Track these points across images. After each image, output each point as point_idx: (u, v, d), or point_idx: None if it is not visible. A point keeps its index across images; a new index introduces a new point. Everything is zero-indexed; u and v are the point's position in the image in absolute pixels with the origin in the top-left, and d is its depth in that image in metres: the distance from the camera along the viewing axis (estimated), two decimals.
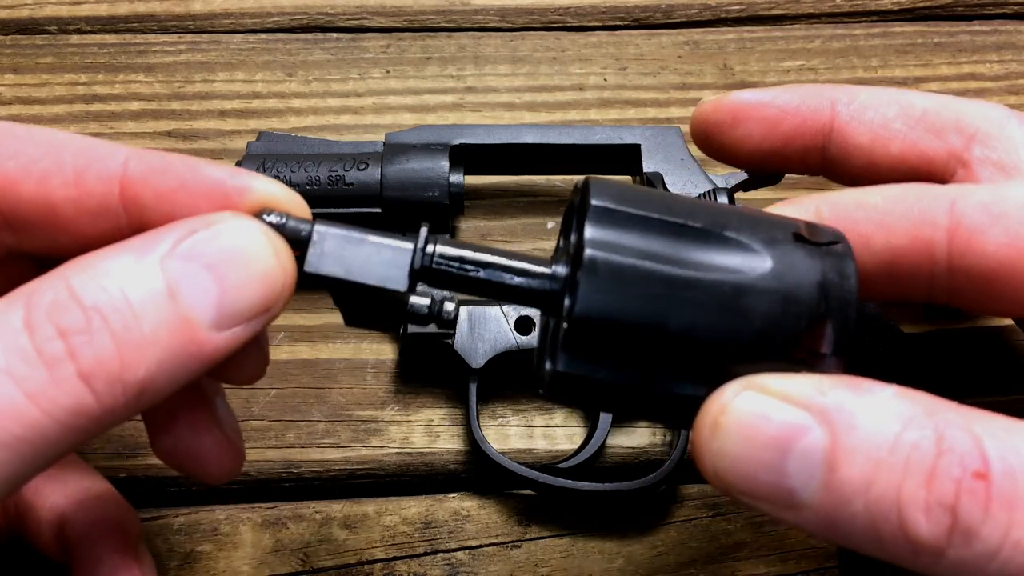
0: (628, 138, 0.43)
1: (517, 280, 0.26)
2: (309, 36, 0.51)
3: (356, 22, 0.51)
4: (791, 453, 0.23)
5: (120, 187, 0.25)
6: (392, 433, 0.41)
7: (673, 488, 0.41)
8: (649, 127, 0.43)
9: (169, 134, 0.47)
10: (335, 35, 0.51)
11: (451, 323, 0.27)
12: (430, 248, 0.26)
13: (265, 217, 0.25)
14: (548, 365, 0.26)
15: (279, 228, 0.25)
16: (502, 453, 0.39)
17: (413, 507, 0.40)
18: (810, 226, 0.26)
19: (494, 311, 0.40)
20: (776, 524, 0.40)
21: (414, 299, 0.27)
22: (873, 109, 0.33)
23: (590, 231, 0.25)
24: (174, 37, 0.50)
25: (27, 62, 0.49)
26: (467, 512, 0.40)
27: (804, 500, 0.23)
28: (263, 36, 0.50)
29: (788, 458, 0.23)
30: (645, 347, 0.24)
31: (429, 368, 0.42)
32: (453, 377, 0.41)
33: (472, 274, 0.26)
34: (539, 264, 0.26)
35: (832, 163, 0.34)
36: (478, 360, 0.39)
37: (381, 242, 0.26)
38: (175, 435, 0.29)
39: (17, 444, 0.22)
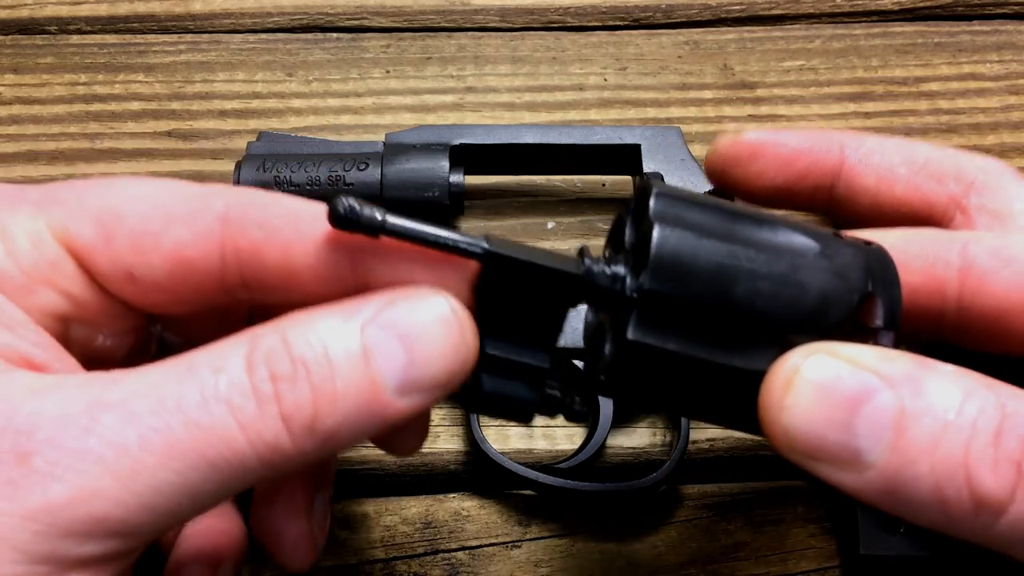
0: (628, 138, 0.43)
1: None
2: (309, 36, 0.51)
3: (356, 22, 0.51)
4: (861, 413, 0.24)
5: (354, 254, 0.27)
6: None
7: (673, 488, 0.41)
8: (649, 127, 0.43)
9: (169, 134, 0.47)
10: (335, 35, 0.51)
11: (579, 415, 0.29)
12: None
13: (341, 203, 0.25)
14: (608, 347, 0.27)
15: (352, 215, 0.25)
16: (502, 453, 0.39)
17: (413, 507, 0.40)
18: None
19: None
20: (776, 524, 0.40)
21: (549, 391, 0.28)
22: (879, 154, 0.36)
23: (655, 205, 0.26)
24: (174, 37, 0.50)
25: (27, 62, 0.49)
26: (467, 512, 0.40)
27: (870, 461, 0.24)
28: (263, 36, 0.50)
29: (858, 418, 0.24)
30: (712, 316, 0.26)
31: None
32: None
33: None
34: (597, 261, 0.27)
35: (839, 202, 0.37)
36: None
37: (547, 266, 0.26)
38: (269, 511, 0.32)
39: (223, 466, 0.24)
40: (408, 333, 0.25)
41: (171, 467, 0.23)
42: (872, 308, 0.26)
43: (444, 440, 0.41)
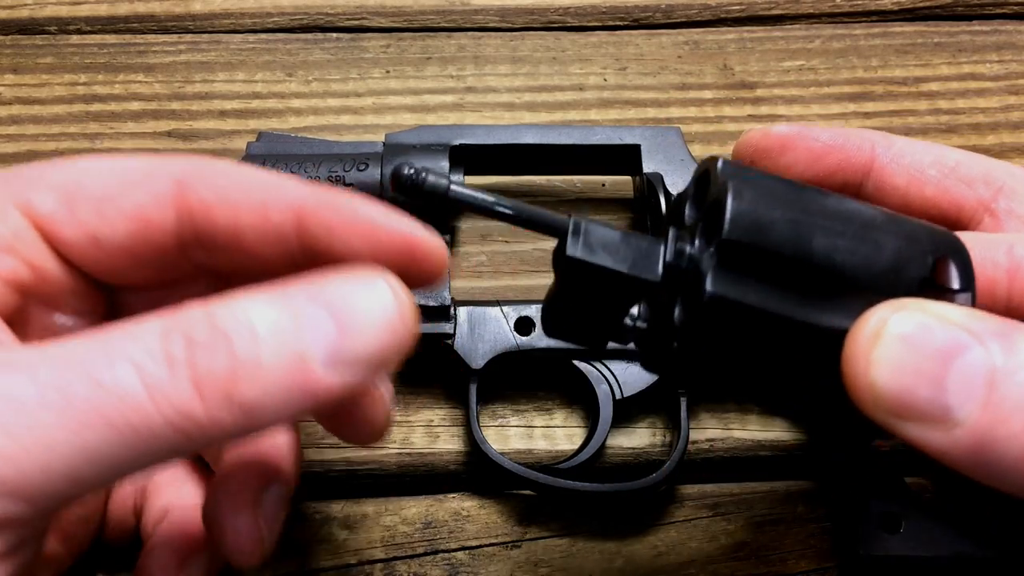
0: (628, 138, 0.43)
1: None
2: (309, 36, 0.51)
3: (356, 22, 0.51)
4: (952, 368, 0.23)
5: (295, 219, 0.28)
6: (392, 433, 0.41)
7: (673, 488, 0.41)
8: (649, 127, 0.43)
9: (169, 134, 0.47)
10: (335, 35, 0.51)
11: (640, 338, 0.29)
12: (678, 245, 0.27)
13: (404, 171, 0.26)
14: (679, 314, 0.26)
15: (416, 180, 0.26)
16: (502, 453, 0.39)
17: (413, 507, 0.40)
18: None
19: (494, 312, 0.40)
20: (776, 524, 0.40)
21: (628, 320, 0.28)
22: (910, 155, 0.36)
23: (723, 168, 0.26)
24: (174, 37, 0.50)
25: (27, 62, 0.49)
26: (467, 512, 0.40)
27: (960, 418, 0.23)
28: (263, 36, 0.50)
29: (949, 373, 0.23)
30: (791, 268, 0.25)
31: (429, 368, 0.42)
32: (453, 377, 0.41)
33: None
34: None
35: (867, 199, 0.37)
36: (478, 361, 0.39)
37: (634, 237, 0.27)
38: (215, 498, 0.31)
39: (126, 429, 0.23)
40: (340, 307, 0.25)
41: (68, 427, 0.23)
42: (946, 270, 0.26)
43: (444, 440, 0.41)
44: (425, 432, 0.41)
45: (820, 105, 0.49)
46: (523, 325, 0.40)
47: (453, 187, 0.26)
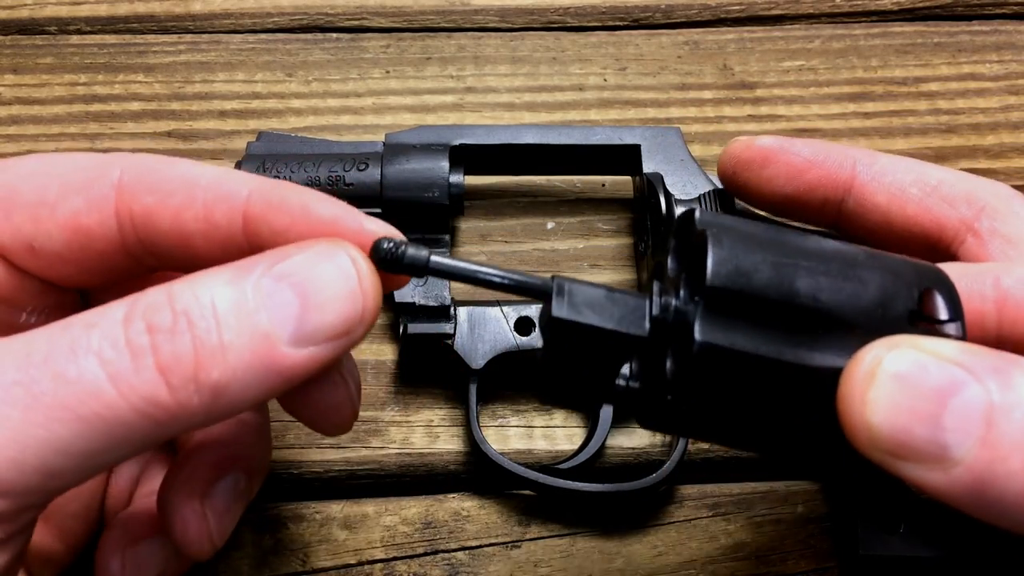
0: (628, 138, 0.43)
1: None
2: (309, 36, 0.51)
3: (356, 22, 0.51)
4: (949, 407, 0.23)
5: (243, 223, 0.27)
6: (392, 434, 0.41)
7: (673, 488, 0.41)
8: (649, 127, 0.43)
9: (169, 134, 0.47)
10: (335, 35, 0.51)
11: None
12: (663, 299, 0.27)
13: (383, 245, 0.26)
14: (670, 366, 0.26)
15: (395, 254, 0.26)
16: (502, 454, 0.39)
17: (413, 507, 0.40)
18: None
19: (494, 312, 0.40)
20: (776, 524, 0.40)
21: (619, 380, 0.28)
22: (892, 173, 0.36)
23: (701, 216, 0.27)
24: (174, 37, 0.50)
25: (27, 62, 0.49)
26: (467, 512, 0.40)
27: (958, 457, 0.23)
28: (263, 36, 0.50)
29: (946, 412, 0.23)
30: (778, 310, 0.25)
31: (429, 368, 0.42)
32: (453, 377, 0.41)
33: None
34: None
35: (848, 217, 0.37)
36: (478, 361, 0.39)
37: (619, 294, 0.27)
38: (166, 483, 0.30)
39: (95, 420, 0.23)
40: (301, 281, 0.25)
41: (35, 421, 0.23)
42: (933, 301, 0.26)
43: (444, 440, 0.41)
44: (425, 432, 0.41)
45: (820, 105, 0.49)
46: (523, 325, 0.40)
47: (433, 258, 0.26)
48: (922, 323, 0.26)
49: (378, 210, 0.40)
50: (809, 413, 0.25)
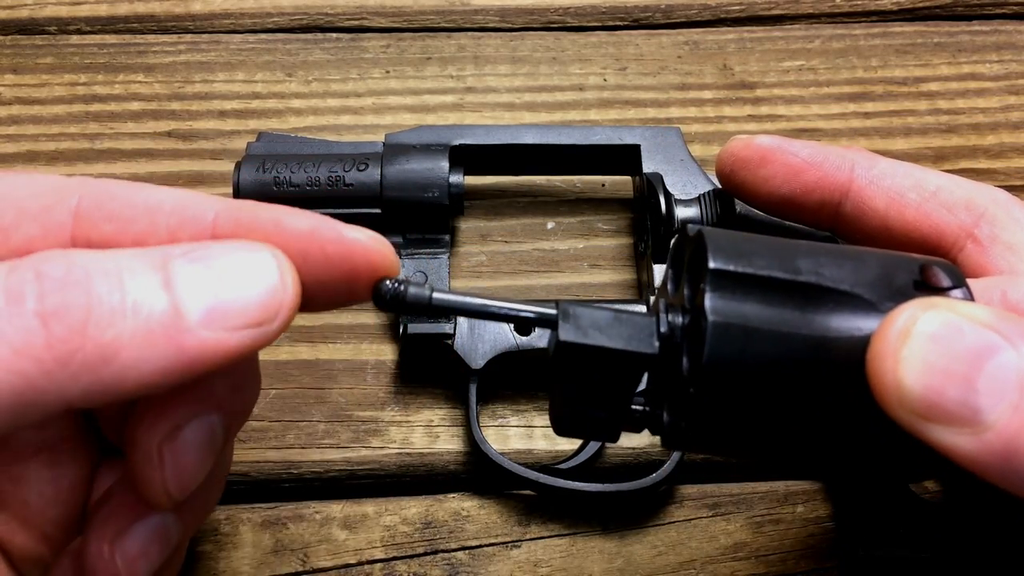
0: (628, 138, 0.43)
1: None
2: (309, 36, 0.51)
3: (356, 22, 0.51)
4: (983, 369, 0.23)
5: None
6: (392, 434, 0.41)
7: (673, 488, 0.41)
8: (649, 127, 0.43)
9: (169, 134, 0.47)
10: (335, 35, 0.51)
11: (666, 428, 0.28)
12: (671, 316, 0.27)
13: (385, 285, 0.26)
14: (687, 364, 0.26)
15: (398, 294, 0.26)
16: (502, 453, 0.39)
17: (413, 507, 0.40)
18: None
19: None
20: (776, 524, 0.40)
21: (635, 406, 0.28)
22: (891, 177, 0.36)
23: (693, 228, 0.27)
24: (174, 37, 0.50)
25: (27, 62, 0.49)
26: (467, 512, 0.40)
27: (990, 421, 0.22)
28: (263, 36, 0.50)
29: (980, 374, 0.23)
30: (784, 288, 0.25)
31: (429, 368, 0.42)
32: (453, 377, 0.41)
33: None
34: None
35: (845, 221, 0.37)
36: (478, 361, 0.39)
37: (625, 315, 0.27)
38: (88, 525, 0.29)
39: None
40: (221, 265, 0.24)
41: None
42: (934, 273, 0.26)
43: (444, 440, 0.41)
44: (425, 432, 0.41)
45: (820, 105, 0.49)
46: (523, 325, 0.40)
47: (436, 295, 0.26)
48: (928, 291, 0.26)
49: (378, 211, 0.40)
50: (833, 391, 0.25)
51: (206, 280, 0.24)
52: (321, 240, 0.26)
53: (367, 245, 0.26)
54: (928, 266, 0.26)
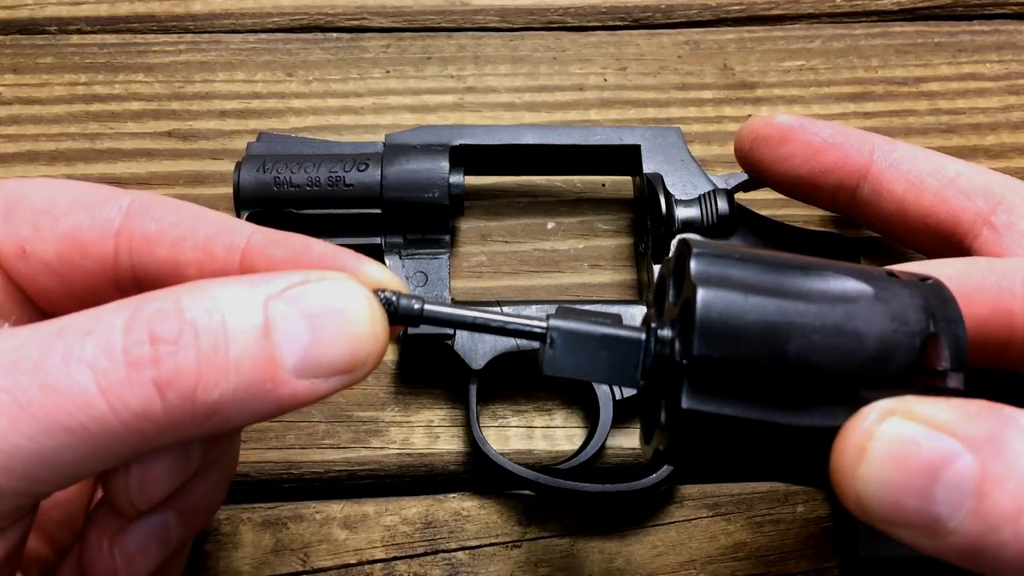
0: (628, 138, 0.43)
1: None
2: (309, 36, 0.51)
3: (356, 22, 0.51)
4: (940, 480, 0.23)
5: (241, 256, 0.27)
6: (392, 434, 0.41)
7: (673, 488, 0.41)
8: (649, 127, 0.43)
9: (169, 134, 0.47)
10: (335, 35, 0.51)
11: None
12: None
13: (378, 294, 0.26)
14: (664, 415, 0.26)
15: (390, 305, 0.26)
16: (502, 454, 0.39)
17: (413, 507, 0.40)
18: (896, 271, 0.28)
19: (494, 311, 0.40)
20: (776, 524, 0.40)
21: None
22: (910, 162, 0.36)
23: (696, 267, 0.26)
24: (174, 37, 0.50)
25: (27, 62, 0.49)
26: (467, 512, 0.40)
27: (951, 528, 0.23)
28: (263, 36, 0.50)
29: (937, 485, 0.23)
30: (767, 376, 0.25)
31: (429, 369, 0.42)
32: (453, 378, 0.41)
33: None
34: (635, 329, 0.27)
35: (862, 204, 0.37)
36: (478, 361, 0.39)
37: (613, 335, 0.27)
38: (89, 518, 0.29)
39: (81, 432, 0.23)
40: (315, 313, 0.24)
41: (22, 431, 0.22)
42: (937, 349, 0.25)
43: (444, 440, 0.41)
44: (425, 432, 0.41)
45: (820, 105, 0.49)
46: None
47: (427, 307, 0.27)
48: (923, 378, 0.25)
49: (378, 211, 0.40)
50: (806, 467, 0.25)
51: (302, 328, 0.24)
52: (342, 269, 0.27)
53: (382, 277, 0.27)
54: (934, 339, 0.25)
